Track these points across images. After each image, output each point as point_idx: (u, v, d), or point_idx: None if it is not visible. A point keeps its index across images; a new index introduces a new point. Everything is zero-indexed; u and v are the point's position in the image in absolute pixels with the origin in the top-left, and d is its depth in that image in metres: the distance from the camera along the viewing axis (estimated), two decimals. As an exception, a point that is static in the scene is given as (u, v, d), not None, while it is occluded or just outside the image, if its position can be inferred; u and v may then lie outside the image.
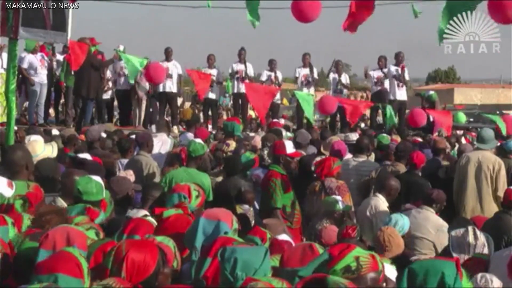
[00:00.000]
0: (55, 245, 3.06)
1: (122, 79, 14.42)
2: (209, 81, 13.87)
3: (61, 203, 4.88)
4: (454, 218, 7.46)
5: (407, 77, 14.56)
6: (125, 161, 8.10)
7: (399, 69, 14.31)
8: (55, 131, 10.81)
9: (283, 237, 4.26)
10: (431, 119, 12.33)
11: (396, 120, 13.32)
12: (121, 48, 14.18)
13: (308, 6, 8.71)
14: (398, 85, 14.31)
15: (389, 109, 11.67)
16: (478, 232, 5.11)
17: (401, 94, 14.40)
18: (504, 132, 9.18)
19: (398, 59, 14.48)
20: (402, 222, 5.71)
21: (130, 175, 6.78)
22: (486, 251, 5.04)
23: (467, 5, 10.01)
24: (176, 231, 3.71)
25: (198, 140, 7.51)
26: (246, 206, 6.66)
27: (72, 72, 13.13)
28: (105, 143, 9.11)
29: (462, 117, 14.12)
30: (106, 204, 4.95)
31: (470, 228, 5.15)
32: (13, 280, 3.13)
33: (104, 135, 9.90)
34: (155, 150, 8.72)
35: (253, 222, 6.44)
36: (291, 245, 4.08)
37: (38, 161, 5.78)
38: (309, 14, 8.81)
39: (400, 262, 4.90)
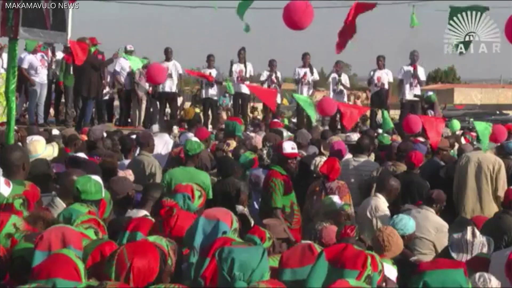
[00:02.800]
0: (51, 246, 3.04)
1: (123, 79, 14.43)
2: (211, 77, 13.95)
3: (60, 203, 4.87)
4: (454, 218, 7.47)
5: (422, 77, 14.63)
6: (126, 161, 8.10)
7: (411, 69, 14.39)
8: (55, 131, 10.81)
9: None
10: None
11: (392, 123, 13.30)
12: (132, 48, 14.28)
13: (299, 15, 8.67)
14: (411, 85, 14.39)
15: (386, 113, 11.73)
16: (477, 231, 5.13)
17: (415, 94, 14.50)
18: (485, 147, 9.19)
19: (413, 58, 14.53)
20: (405, 222, 5.70)
21: (130, 175, 6.77)
22: (485, 250, 5.05)
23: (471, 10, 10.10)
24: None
25: (195, 139, 7.52)
26: (240, 207, 6.64)
27: (72, 72, 13.15)
28: (105, 143, 9.11)
29: (457, 125, 14.12)
30: (106, 204, 4.94)
31: (469, 228, 5.18)
32: (10, 281, 3.12)
33: (104, 134, 9.89)
34: (158, 150, 8.73)
35: (252, 222, 6.44)
36: None
37: (30, 162, 5.76)
38: (300, 22, 8.78)
39: (400, 262, 4.91)
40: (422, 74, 14.73)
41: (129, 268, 2.82)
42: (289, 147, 6.97)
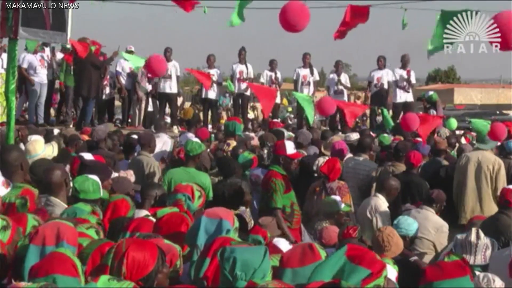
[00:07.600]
0: (45, 240, 3.06)
1: (124, 79, 14.44)
2: (210, 78, 13.92)
3: (55, 200, 4.83)
4: (454, 218, 7.47)
5: (413, 80, 14.64)
6: (125, 161, 8.09)
7: (405, 73, 14.36)
8: (55, 131, 10.81)
9: (281, 243, 4.12)
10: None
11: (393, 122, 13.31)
12: (132, 49, 14.28)
13: (295, 17, 8.62)
14: (404, 88, 14.36)
15: (385, 111, 11.75)
16: (481, 233, 5.13)
17: (407, 96, 14.47)
18: (482, 136, 9.18)
19: (404, 62, 14.51)
20: (409, 223, 5.70)
21: (130, 175, 6.77)
22: (489, 253, 5.06)
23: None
24: (169, 230, 3.71)
25: (195, 139, 7.51)
26: (243, 208, 6.63)
27: (72, 72, 13.15)
28: (106, 143, 9.12)
29: (454, 123, 14.12)
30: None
31: (473, 229, 5.18)
32: (12, 279, 3.13)
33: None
34: (156, 150, 8.72)
35: (252, 223, 6.43)
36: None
37: (32, 162, 5.75)
38: (296, 25, 8.73)
39: (400, 262, 4.91)
40: (413, 77, 14.76)
41: (124, 254, 2.85)
42: (291, 148, 6.89)
